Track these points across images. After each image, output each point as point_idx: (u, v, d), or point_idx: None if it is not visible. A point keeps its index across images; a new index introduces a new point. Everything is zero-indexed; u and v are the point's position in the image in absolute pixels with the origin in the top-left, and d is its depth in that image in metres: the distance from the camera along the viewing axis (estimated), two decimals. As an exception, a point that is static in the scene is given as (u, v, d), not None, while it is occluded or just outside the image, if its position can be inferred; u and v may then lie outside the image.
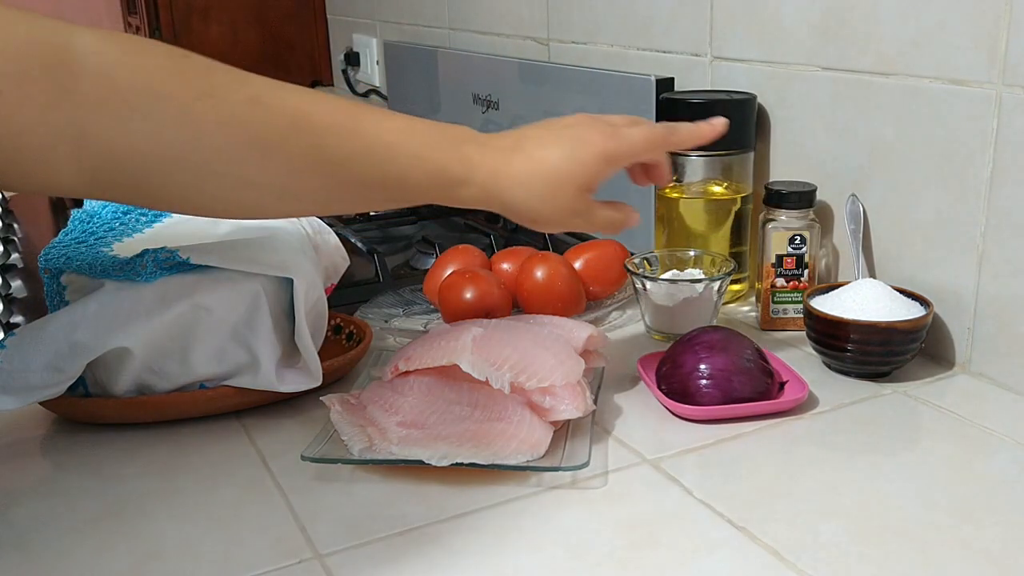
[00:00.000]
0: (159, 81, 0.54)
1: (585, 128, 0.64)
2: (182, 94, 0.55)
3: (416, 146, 0.61)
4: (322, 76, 2.09)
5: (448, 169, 0.61)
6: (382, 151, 0.60)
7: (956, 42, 0.73)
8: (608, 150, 0.64)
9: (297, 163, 0.58)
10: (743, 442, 0.66)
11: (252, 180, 0.58)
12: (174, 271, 0.68)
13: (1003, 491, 0.59)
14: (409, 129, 0.61)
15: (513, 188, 0.62)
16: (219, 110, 0.56)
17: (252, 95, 0.57)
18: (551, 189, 0.62)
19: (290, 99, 0.58)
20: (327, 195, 0.61)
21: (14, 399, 0.66)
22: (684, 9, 1.00)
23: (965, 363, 0.76)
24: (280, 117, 0.57)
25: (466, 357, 0.65)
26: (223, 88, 0.56)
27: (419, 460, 0.60)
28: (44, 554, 0.55)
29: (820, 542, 0.54)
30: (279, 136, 0.57)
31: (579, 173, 0.63)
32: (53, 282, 0.70)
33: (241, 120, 0.56)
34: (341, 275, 0.83)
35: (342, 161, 0.59)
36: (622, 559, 0.53)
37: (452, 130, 0.63)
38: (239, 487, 0.62)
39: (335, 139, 0.58)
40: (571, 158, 0.63)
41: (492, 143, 0.63)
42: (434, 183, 0.61)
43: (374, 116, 0.61)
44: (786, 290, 0.84)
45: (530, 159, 0.63)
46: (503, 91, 1.27)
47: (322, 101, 0.59)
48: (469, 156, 0.62)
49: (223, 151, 0.56)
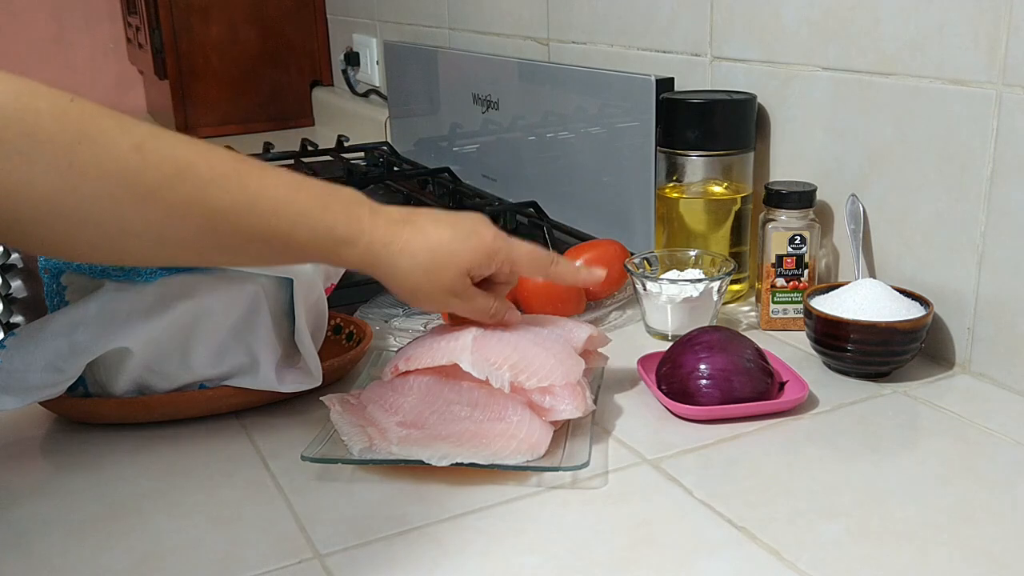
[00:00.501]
0: (40, 123, 0.53)
1: (481, 223, 0.67)
2: (63, 138, 0.53)
3: (304, 203, 0.60)
4: (322, 76, 2.09)
5: (335, 229, 0.61)
6: (267, 205, 0.59)
7: (956, 42, 0.73)
8: (496, 247, 0.66)
9: (178, 211, 0.56)
10: (743, 442, 0.66)
11: (130, 229, 0.56)
12: (174, 271, 0.68)
13: (1003, 491, 0.59)
14: (298, 186, 0.61)
15: (399, 257, 0.63)
16: (100, 156, 0.54)
17: (136, 143, 0.55)
18: (436, 264, 0.63)
19: (176, 149, 0.57)
20: (207, 245, 0.59)
21: (14, 399, 0.66)
22: (684, 9, 1.00)
23: (965, 363, 0.76)
24: (163, 165, 0.56)
25: (466, 357, 0.65)
26: (106, 135, 0.55)
27: (419, 460, 0.60)
28: (44, 554, 0.55)
29: (820, 542, 0.54)
30: (160, 184, 0.56)
31: (466, 257, 0.64)
32: (53, 282, 0.70)
33: (122, 167, 0.55)
34: (341, 275, 0.83)
35: (224, 212, 0.58)
36: (622, 559, 0.53)
37: (343, 192, 0.63)
38: (239, 487, 0.62)
39: (218, 190, 0.57)
40: (463, 240, 0.64)
41: (384, 212, 0.64)
42: (320, 241, 0.61)
43: (262, 171, 0.60)
44: (786, 290, 0.84)
45: (422, 232, 0.64)
46: (503, 91, 1.27)
47: (209, 153, 0.58)
48: (359, 218, 0.62)
49: (101, 199, 0.55)
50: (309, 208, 0.60)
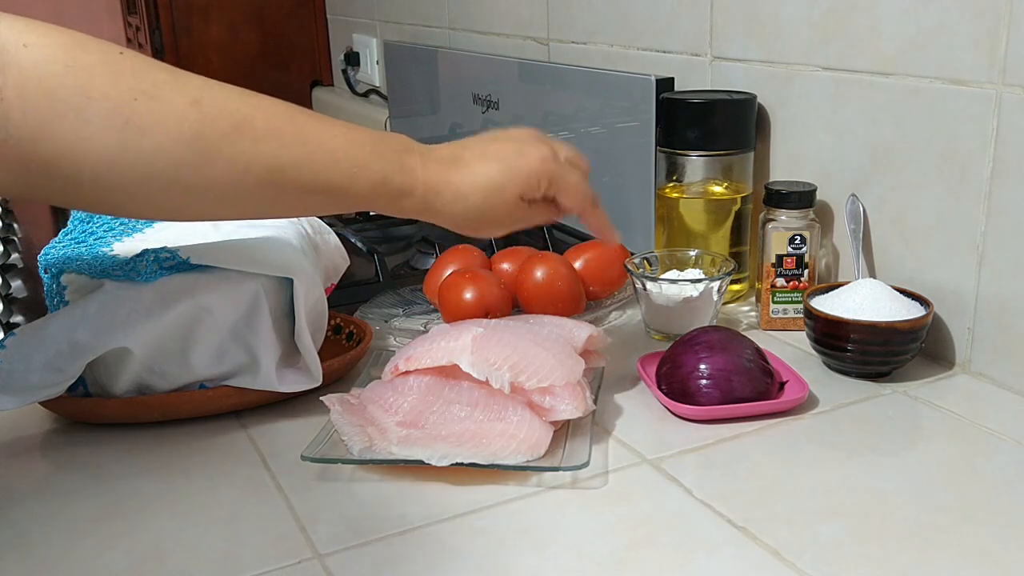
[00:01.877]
0: (93, 79, 0.52)
1: (526, 143, 0.65)
2: (117, 94, 0.53)
3: (360, 155, 0.60)
4: (322, 76, 2.09)
5: (391, 180, 0.61)
6: (325, 158, 0.59)
7: (956, 42, 0.73)
8: (544, 171, 0.65)
9: (238, 167, 0.56)
10: (743, 442, 0.66)
11: (190, 184, 0.56)
12: (174, 271, 0.68)
13: (1003, 491, 0.59)
14: (352, 136, 0.61)
15: (453, 201, 0.63)
16: (158, 111, 0.54)
17: (193, 97, 0.55)
18: (488, 202, 0.64)
19: (231, 102, 0.57)
20: (267, 200, 0.59)
21: (14, 399, 0.66)
22: (684, 9, 1.00)
23: (965, 363, 0.76)
24: (221, 120, 0.55)
25: (466, 357, 0.65)
26: (162, 88, 0.54)
27: (419, 460, 0.60)
28: (44, 554, 0.55)
29: (820, 542, 0.54)
30: (219, 139, 0.55)
31: (515, 187, 0.64)
32: (53, 282, 0.70)
33: (180, 122, 0.54)
34: (341, 275, 0.83)
35: (284, 167, 0.58)
36: (622, 559, 0.53)
37: (394, 140, 0.63)
38: (239, 487, 0.62)
39: (277, 144, 0.57)
40: (509, 170, 0.64)
41: (433, 155, 0.64)
42: (377, 192, 0.61)
43: (316, 122, 0.60)
44: (786, 290, 0.84)
45: (470, 171, 0.63)
46: (503, 91, 1.27)
47: (264, 105, 0.58)
48: (412, 167, 0.62)
49: (160, 156, 0.54)
50: (365, 160, 0.60)
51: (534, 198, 0.65)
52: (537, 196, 0.65)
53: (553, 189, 0.66)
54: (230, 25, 1.98)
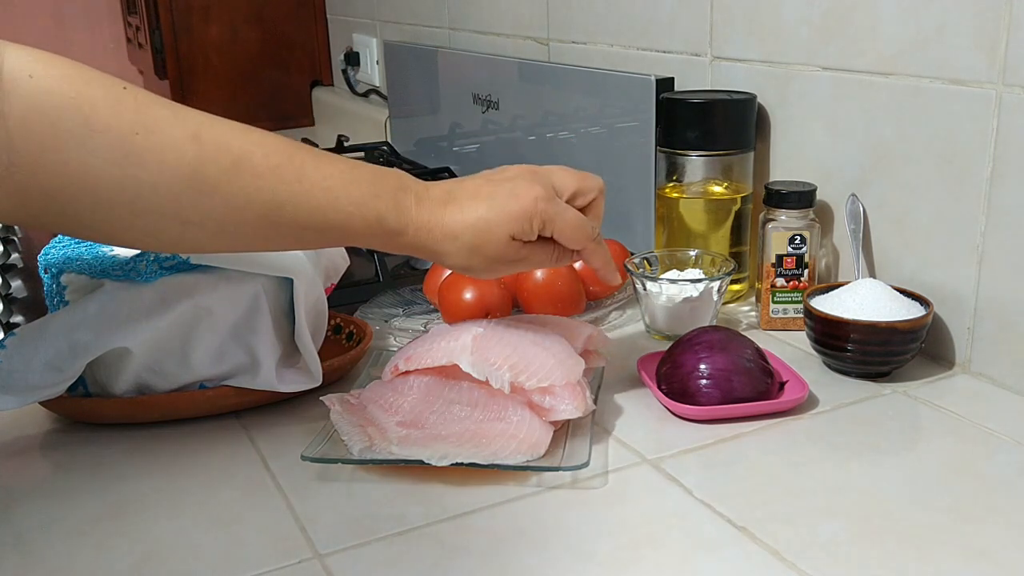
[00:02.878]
0: (96, 112, 0.53)
1: (522, 183, 0.64)
2: (119, 127, 0.53)
3: (356, 194, 0.60)
4: (322, 76, 2.09)
5: (385, 219, 0.61)
6: (322, 197, 0.59)
7: (956, 42, 0.73)
8: (537, 210, 0.63)
9: (236, 202, 0.57)
10: (743, 442, 0.66)
11: (188, 218, 0.57)
12: (174, 271, 0.69)
13: (1003, 491, 0.59)
14: (350, 175, 0.61)
15: (444, 241, 0.63)
16: (159, 145, 0.54)
17: (193, 132, 0.56)
18: (479, 241, 0.63)
19: (231, 138, 0.57)
20: (264, 235, 0.60)
21: (14, 399, 0.66)
22: (684, 9, 1.00)
23: (965, 363, 0.76)
24: (221, 156, 0.56)
25: (466, 357, 0.65)
26: (163, 123, 0.55)
27: (419, 460, 0.60)
28: (44, 554, 0.55)
29: (820, 542, 0.54)
30: (218, 176, 0.56)
31: (504, 227, 0.62)
32: (53, 282, 0.70)
33: (180, 156, 0.55)
34: (341, 275, 0.83)
35: (282, 204, 0.58)
36: (622, 559, 0.53)
37: (391, 177, 0.63)
38: (239, 487, 0.62)
39: (275, 181, 0.58)
40: (500, 210, 0.63)
41: (428, 194, 0.63)
42: (372, 231, 0.62)
43: (315, 160, 0.60)
44: (786, 290, 0.84)
45: (460, 212, 0.63)
46: (503, 91, 1.27)
47: (263, 142, 0.59)
48: (407, 208, 0.62)
49: (159, 189, 0.55)
50: (362, 199, 0.61)
51: (528, 239, 0.64)
52: (531, 237, 0.64)
53: (548, 229, 0.64)
54: (230, 25, 1.98)
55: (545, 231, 0.64)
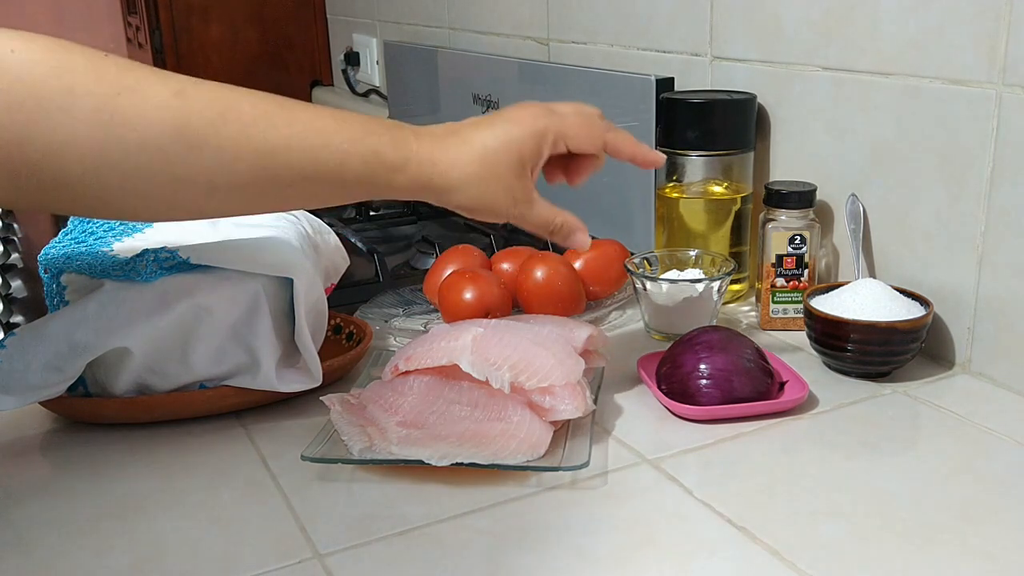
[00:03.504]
0: (77, 78, 0.53)
1: (521, 109, 0.64)
2: (101, 90, 0.53)
3: (350, 131, 0.59)
4: (322, 76, 2.09)
5: (383, 153, 0.60)
6: (315, 138, 0.58)
7: (956, 42, 0.73)
8: (540, 127, 0.62)
9: (227, 153, 0.56)
10: (743, 442, 0.66)
11: (179, 175, 0.56)
12: (174, 271, 0.69)
13: (1003, 491, 0.59)
14: (342, 117, 0.60)
15: (449, 172, 0.61)
16: (142, 103, 0.54)
17: (176, 89, 0.55)
18: (488, 170, 0.61)
19: (217, 92, 0.57)
20: (259, 188, 0.58)
21: (14, 399, 0.66)
22: (684, 9, 1.00)
23: (965, 363, 0.76)
24: (206, 109, 0.55)
25: (466, 357, 0.65)
26: (145, 82, 0.55)
27: (419, 460, 0.60)
28: (44, 554, 0.55)
29: (820, 542, 0.54)
30: (205, 127, 0.55)
31: (515, 150, 0.61)
32: (53, 282, 0.70)
33: (165, 113, 0.54)
34: (341, 275, 0.83)
35: (273, 150, 0.57)
36: (622, 559, 0.53)
37: (385, 120, 0.62)
38: (239, 487, 0.62)
39: (265, 127, 0.57)
40: (504, 135, 0.62)
41: (426, 130, 0.63)
42: (371, 169, 0.60)
43: (304, 106, 0.59)
44: (786, 290, 0.84)
45: (464, 142, 0.62)
46: (503, 91, 1.27)
47: (250, 93, 0.58)
48: (405, 140, 0.61)
49: (148, 147, 0.54)
50: (356, 136, 0.59)
51: (538, 163, 0.63)
52: (542, 156, 0.63)
53: (560, 142, 0.63)
54: (230, 25, 1.98)
55: (558, 146, 0.63)
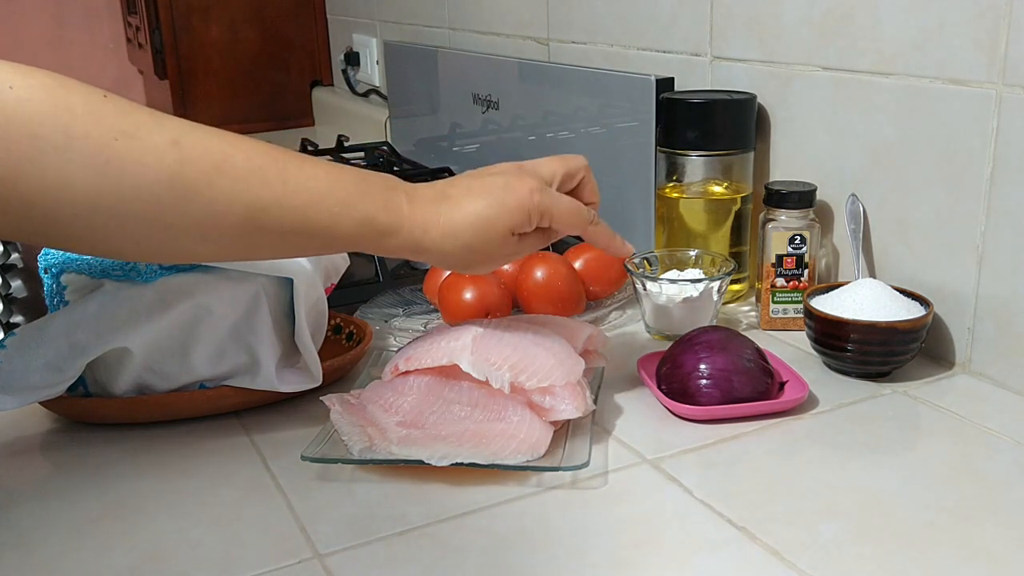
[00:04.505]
0: (75, 119, 0.53)
1: (513, 177, 0.64)
2: (98, 134, 0.53)
3: (343, 195, 0.60)
4: (322, 76, 2.09)
5: (376, 219, 0.60)
6: (307, 198, 0.58)
7: (956, 42, 0.73)
8: (533, 202, 0.63)
9: (219, 206, 0.56)
10: (743, 442, 0.66)
11: (170, 223, 0.56)
12: (174, 271, 0.69)
13: (1003, 491, 0.59)
14: (335, 176, 0.60)
15: (441, 240, 0.62)
16: (138, 150, 0.54)
17: (172, 137, 0.55)
18: (479, 238, 0.62)
19: (212, 142, 0.57)
20: (248, 241, 0.59)
21: (14, 399, 0.66)
22: (684, 9, 1.00)
23: (965, 363, 0.76)
24: (201, 160, 0.56)
25: (466, 357, 0.65)
26: (142, 128, 0.55)
27: (419, 460, 0.60)
28: (44, 554, 0.55)
29: (820, 542, 0.54)
30: (199, 179, 0.55)
31: (504, 222, 0.62)
32: (53, 282, 0.70)
33: (161, 162, 0.54)
34: (341, 275, 0.83)
35: (265, 206, 0.57)
36: (622, 559, 0.53)
37: (378, 178, 0.62)
38: (239, 487, 0.62)
39: (258, 184, 0.57)
40: (499, 206, 0.62)
41: (419, 193, 0.63)
42: (362, 232, 0.60)
43: (298, 162, 0.59)
44: (786, 290, 0.84)
45: (457, 209, 0.62)
46: (503, 91, 1.27)
47: (244, 145, 0.58)
48: (398, 206, 0.61)
49: (141, 195, 0.54)
50: (349, 199, 0.60)
51: (526, 231, 0.64)
52: (529, 229, 0.64)
53: (546, 220, 0.64)
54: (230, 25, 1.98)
55: (543, 222, 0.64)
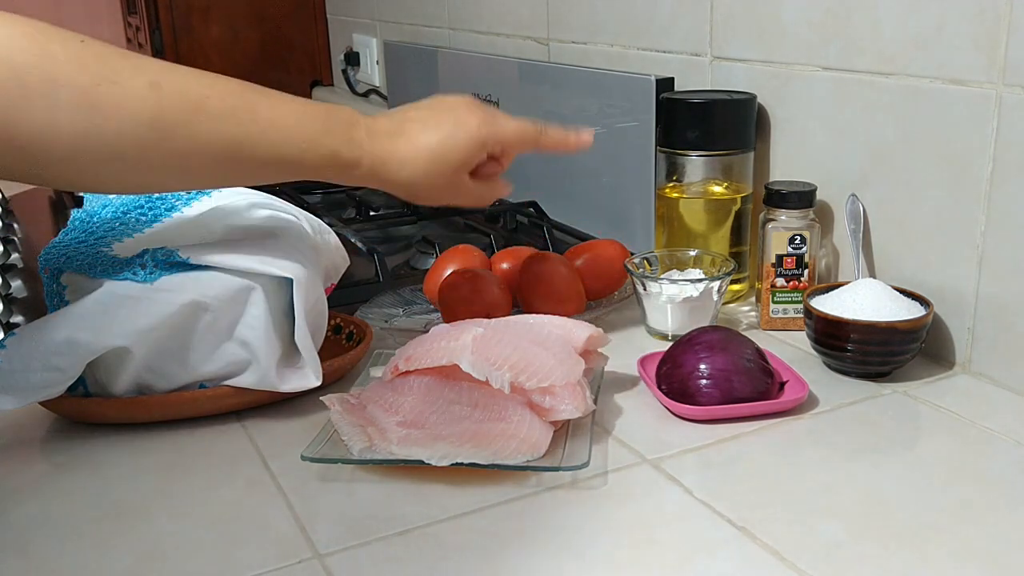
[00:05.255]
0: (59, 67, 0.56)
1: (464, 111, 0.70)
2: (82, 80, 0.56)
3: (310, 131, 0.65)
4: (322, 76, 2.09)
5: (340, 153, 0.66)
6: (277, 135, 0.63)
7: (956, 42, 0.73)
8: (482, 135, 0.69)
9: (197, 145, 0.60)
10: (743, 442, 0.66)
11: (152, 162, 0.60)
12: (174, 271, 0.68)
13: (1003, 491, 0.59)
14: (303, 113, 0.65)
15: (399, 170, 0.68)
16: (120, 95, 0.57)
17: (152, 80, 0.59)
18: (432, 169, 0.68)
19: (189, 83, 0.61)
20: (224, 173, 0.64)
21: (14, 399, 0.66)
22: (684, 9, 1.00)
23: (965, 363, 0.76)
24: (180, 101, 0.59)
25: (466, 357, 0.65)
26: (123, 73, 0.58)
27: (419, 460, 0.60)
28: (44, 554, 0.55)
29: (820, 542, 0.54)
30: (178, 121, 0.59)
31: (459, 154, 0.69)
32: (53, 282, 0.70)
33: (142, 105, 0.58)
34: (341, 275, 0.83)
35: (239, 143, 0.62)
36: (622, 559, 0.53)
37: (342, 113, 0.68)
38: (239, 487, 0.62)
39: (233, 123, 0.62)
40: (449, 139, 0.69)
41: (378, 127, 0.68)
42: (327, 164, 0.66)
43: (269, 100, 0.64)
44: (786, 290, 0.84)
45: (412, 143, 0.68)
46: (503, 91, 1.27)
47: (219, 85, 0.62)
48: (359, 141, 0.67)
49: (124, 136, 0.58)
50: (315, 136, 0.65)
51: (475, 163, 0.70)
52: (483, 158, 0.70)
53: (498, 146, 0.71)
54: (230, 25, 1.98)
55: (495, 149, 0.71)
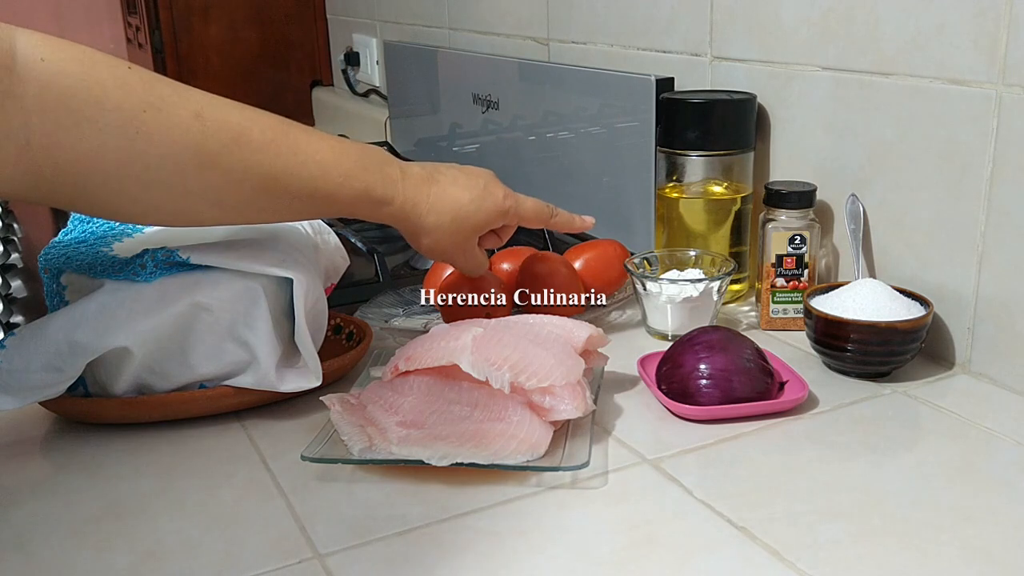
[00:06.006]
0: (106, 92, 0.57)
1: (491, 181, 0.75)
2: (129, 106, 0.57)
3: (346, 167, 0.67)
4: (322, 76, 2.09)
5: (374, 189, 0.68)
6: (314, 169, 0.65)
7: (956, 42, 0.73)
8: (507, 206, 0.74)
9: (235, 175, 0.62)
10: (743, 442, 0.66)
11: (190, 189, 0.61)
12: (174, 271, 0.68)
13: (1003, 491, 0.59)
14: (339, 150, 0.67)
15: (426, 215, 0.71)
16: (165, 122, 0.59)
17: (196, 110, 0.60)
18: (457, 225, 0.72)
19: (231, 115, 0.62)
20: (259, 206, 0.65)
21: (14, 399, 0.66)
22: (684, 9, 1.00)
23: (965, 363, 0.76)
24: (221, 133, 0.61)
25: (466, 357, 0.65)
26: (168, 100, 0.59)
27: (419, 460, 0.60)
28: (44, 554, 0.55)
29: (820, 542, 0.54)
30: (220, 149, 0.61)
31: (481, 218, 0.73)
32: (53, 282, 0.70)
33: (185, 133, 0.59)
34: (341, 275, 0.83)
35: (276, 176, 0.64)
36: (622, 559, 0.53)
37: (376, 153, 0.70)
38: (239, 487, 0.62)
39: (271, 155, 0.63)
40: (478, 200, 0.73)
41: (411, 172, 0.71)
42: (360, 200, 0.68)
43: (307, 135, 0.66)
44: (786, 290, 0.84)
45: (444, 193, 0.72)
46: (503, 91, 1.27)
47: (259, 118, 0.64)
48: (394, 180, 0.70)
49: (166, 164, 0.59)
50: (351, 171, 0.67)
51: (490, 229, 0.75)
52: (497, 227, 0.76)
53: (515, 217, 0.76)
54: (230, 25, 1.98)
55: (512, 221, 0.76)
